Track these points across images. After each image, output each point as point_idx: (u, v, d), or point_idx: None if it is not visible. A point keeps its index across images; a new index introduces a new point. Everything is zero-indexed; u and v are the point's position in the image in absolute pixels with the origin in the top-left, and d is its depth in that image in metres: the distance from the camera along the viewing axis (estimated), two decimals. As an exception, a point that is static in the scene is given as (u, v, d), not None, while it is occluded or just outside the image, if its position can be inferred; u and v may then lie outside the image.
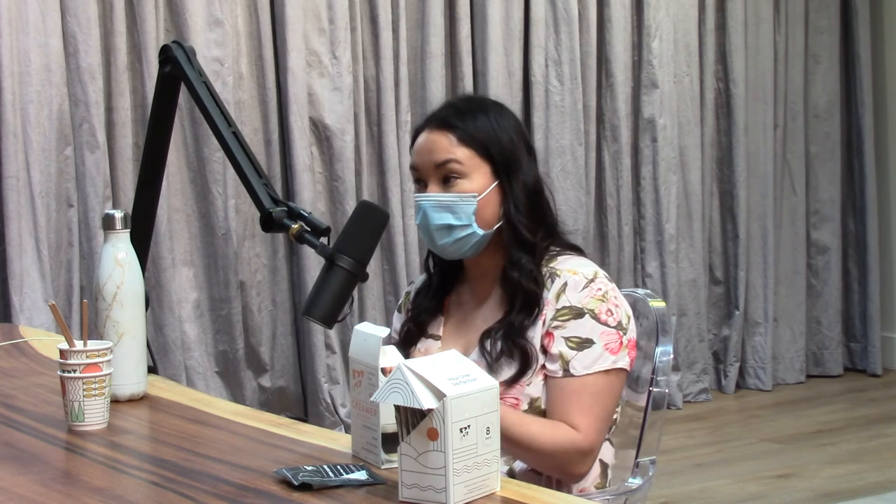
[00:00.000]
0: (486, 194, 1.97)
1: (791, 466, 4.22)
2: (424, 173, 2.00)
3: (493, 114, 2.02)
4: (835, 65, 5.55)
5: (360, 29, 4.46)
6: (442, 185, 1.98)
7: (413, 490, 1.39)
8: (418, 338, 2.08)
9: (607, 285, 1.96)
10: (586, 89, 4.92)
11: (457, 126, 1.98)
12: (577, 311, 1.93)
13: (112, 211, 1.94)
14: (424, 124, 2.04)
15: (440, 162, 1.98)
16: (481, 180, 1.97)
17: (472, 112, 2.01)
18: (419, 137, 2.03)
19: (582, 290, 1.94)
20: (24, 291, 3.85)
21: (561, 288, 1.94)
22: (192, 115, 4.13)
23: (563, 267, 1.96)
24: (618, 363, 1.92)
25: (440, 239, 1.99)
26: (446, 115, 2.01)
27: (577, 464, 1.90)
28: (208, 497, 1.45)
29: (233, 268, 4.25)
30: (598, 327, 1.92)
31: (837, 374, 5.57)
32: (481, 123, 1.99)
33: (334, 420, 4.38)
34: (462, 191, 1.97)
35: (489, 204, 1.98)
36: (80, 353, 1.77)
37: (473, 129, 1.98)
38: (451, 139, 1.98)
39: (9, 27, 3.81)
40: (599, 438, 1.92)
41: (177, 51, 2.07)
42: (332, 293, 1.79)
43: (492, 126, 1.99)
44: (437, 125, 2.00)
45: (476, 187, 1.97)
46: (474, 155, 1.98)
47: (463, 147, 1.97)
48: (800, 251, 5.52)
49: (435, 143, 1.99)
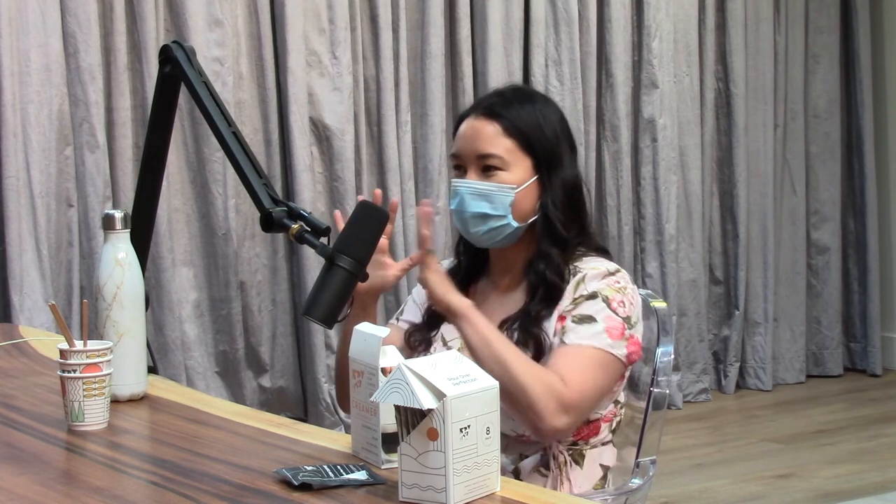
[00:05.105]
0: (524, 187, 1.97)
1: (791, 466, 4.22)
2: (465, 160, 2.00)
3: (539, 106, 2.01)
4: (835, 65, 5.55)
5: (360, 29, 4.46)
6: (482, 174, 1.98)
7: (413, 490, 1.39)
8: (441, 321, 2.06)
9: (628, 283, 1.96)
10: (586, 89, 4.92)
11: (502, 115, 1.98)
12: (592, 293, 1.93)
13: (112, 211, 1.94)
14: (470, 111, 2.04)
15: (482, 153, 1.97)
16: (521, 173, 1.98)
17: (519, 102, 2.00)
18: (463, 124, 2.02)
19: (602, 279, 1.94)
20: (24, 291, 3.85)
21: (580, 279, 1.95)
22: (192, 115, 4.13)
23: (586, 265, 1.97)
24: (614, 349, 1.90)
25: (474, 227, 1.99)
26: (493, 104, 2.01)
27: (555, 413, 1.82)
28: (208, 497, 1.45)
29: (233, 268, 4.25)
30: (605, 311, 1.91)
31: (837, 374, 5.57)
32: (527, 115, 1.98)
33: (334, 420, 4.38)
34: (501, 182, 1.97)
35: (527, 197, 1.98)
36: (80, 353, 1.77)
37: (519, 120, 1.98)
38: (496, 128, 1.98)
39: (9, 27, 3.81)
40: (584, 402, 1.86)
41: (177, 51, 2.06)
42: (332, 293, 1.79)
43: (537, 119, 1.99)
44: (482, 113, 2.00)
45: (515, 179, 1.97)
46: (516, 147, 1.97)
47: (506, 138, 1.97)
48: (800, 251, 5.53)
49: (479, 132, 1.99)
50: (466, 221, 2.00)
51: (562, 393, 1.83)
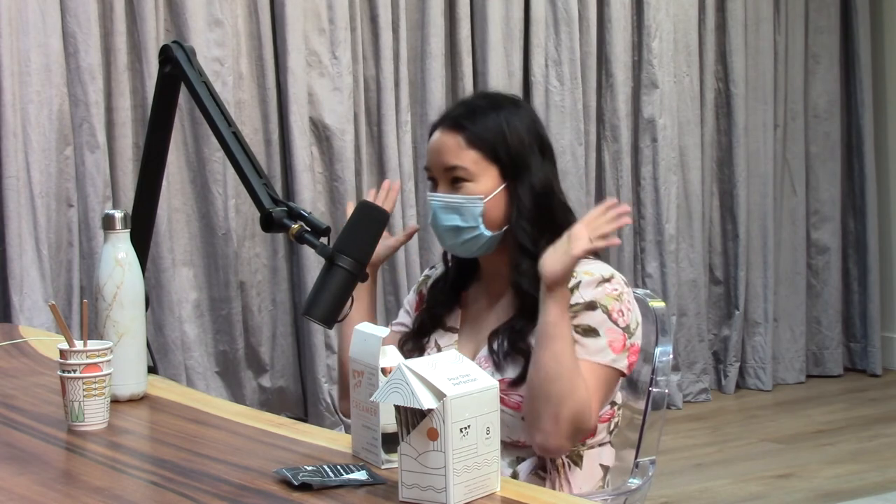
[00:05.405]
0: (492, 197, 1.97)
1: (791, 466, 4.22)
2: (435, 173, 2.02)
3: (504, 113, 2.00)
4: (835, 65, 5.55)
5: (360, 29, 4.46)
6: (451, 187, 1.99)
7: (413, 490, 1.39)
8: (432, 329, 2.07)
9: (623, 287, 1.96)
10: (586, 89, 4.92)
11: (466, 127, 1.98)
12: (590, 304, 1.92)
13: (112, 211, 1.94)
14: (437, 123, 2.04)
15: (448, 166, 1.98)
16: (489, 183, 1.98)
17: (483, 111, 2.00)
18: (432, 137, 2.04)
19: (596, 287, 1.93)
20: (24, 291, 3.85)
21: (574, 286, 1.93)
22: (192, 115, 4.13)
23: (579, 269, 1.94)
24: (617, 363, 1.91)
25: (449, 240, 2.01)
26: (457, 115, 2.01)
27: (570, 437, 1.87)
28: (208, 497, 1.45)
29: (233, 268, 4.25)
30: (606, 322, 1.91)
31: (837, 374, 5.57)
32: (491, 123, 1.98)
33: (334, 420, 4.38)
34: (469, 193, 1.97)
35: (497, 206, 1.98)
36: (80, 353, 1.77)
37: (482, 130, 1.98)
38: (459, 141, 1.98)
39: (9, 27, 3.81)
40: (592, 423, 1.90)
41: (177, 51, 2.06)
42: (332, 293, 1.79)
43: (501, 127, 1.98)
44: (448, 125, 2.01)
45: (483, 189, 1.97)
46: (481, 158, 1.98)
47: (471, 149, 1.97)
48: (800, 251, 5.52)
49: (444, 145, 1.99)
50: (441, 235, 2.01)
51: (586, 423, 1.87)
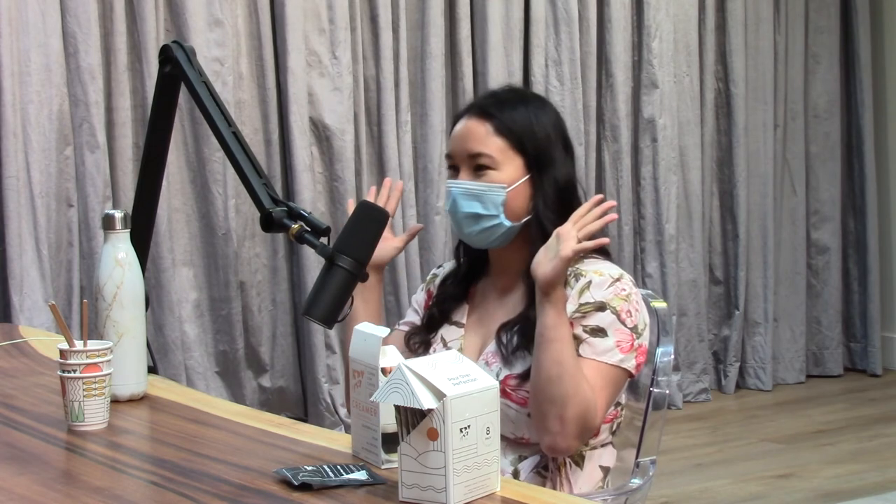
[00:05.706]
0: (515, 186, 1.98)
1: (791, 466, 4.22)
2: (458, 159, 2.02)
3: (532, 107, 2.03)
4: (835, 65, 5.55)
5: (360, 29, 4.46)
6: (473, 174, 2.00)
7: (413, 490, 1.39)
8: (441, 323, 2.09)
9: (631, 288, 1.96)
10: (586, 89, 4.92)
11: (494, 115, 2.00)
12: (601, 305, 1.92)
13: (112, 211, 1.94)
14: (464, 111, 2.06)
15: (473, 153, 1.99)
16: (512, 172, 1.99)
17: (512, 103, 2.02)
18: (457, 124, 2.05)
19: (607, 288, 1.94)
20: (24, 291, 3.84)
21: (585, 286, 1.94)
22: (192, 115, 4.13)
23: (589, 268, 1.96)
24: (624, 363, 1.92)
25: (467, 227, 2.01)
26: (486, 104, 2.03)
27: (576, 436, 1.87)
28: (208, 497, 1.45)
29: (233, 268, 4.25)
30: (615, 323, 1.92)
31: (837, 374, 5.57)
32: (519, 115, 2.00)
33: (334, 420, 4.38)
34: (492, 181, 1.98)
35: (518, 196, 1.99)
36: (80, 353, 1.77)
37: (510, 120, 1.99)
38: (487, 128, 1.99)
39: (9, 27, 3.81)
40: (598, 423, 1.91)
41: (177, 51, 2.06)
42: (331, 293, 1.79)
43: (529, 119, 2.00)
44: (475, 113, 2.02)
45: (506, 179, 1.98)
46: (508, 147, 1.99)
47: (498, 137, 1.99)
48: (800, 251, 5.53)
49: (471, 131, 2.01)
50: (460, 222, 2.01)
51: (592, 422, 1.87)
